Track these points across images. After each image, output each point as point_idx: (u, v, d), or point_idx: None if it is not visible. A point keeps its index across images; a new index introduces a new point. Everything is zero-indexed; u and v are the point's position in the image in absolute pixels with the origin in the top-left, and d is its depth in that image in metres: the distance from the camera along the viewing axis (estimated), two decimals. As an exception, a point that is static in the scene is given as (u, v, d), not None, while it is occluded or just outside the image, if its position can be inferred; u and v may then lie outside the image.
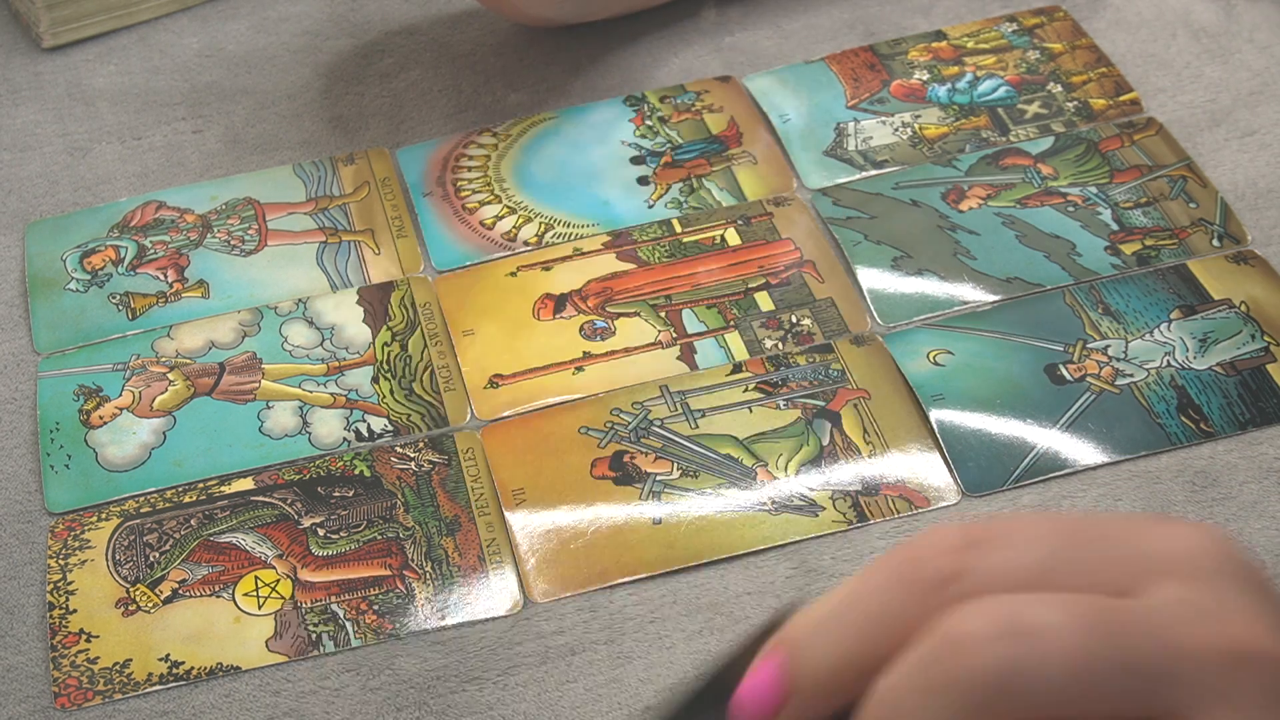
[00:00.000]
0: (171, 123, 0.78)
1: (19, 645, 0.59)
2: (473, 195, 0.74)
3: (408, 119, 0.78)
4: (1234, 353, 0.65)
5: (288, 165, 0.76)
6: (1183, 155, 0.73)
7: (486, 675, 0.57)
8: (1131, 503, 0.61)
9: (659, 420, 0.64)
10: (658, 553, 0.60)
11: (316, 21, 0.83)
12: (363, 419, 0.65)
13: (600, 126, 0.76)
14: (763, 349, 0.67)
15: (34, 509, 0.63)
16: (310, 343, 0.68)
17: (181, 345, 0.68)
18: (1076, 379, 0.64)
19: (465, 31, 0.82)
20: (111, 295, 0.70)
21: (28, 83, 0.81)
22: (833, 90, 0.77)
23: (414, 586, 0.60)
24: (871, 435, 0.63)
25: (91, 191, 0.75)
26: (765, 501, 0.61)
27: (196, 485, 0.63)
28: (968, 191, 0.72)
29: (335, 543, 0.61)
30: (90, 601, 0.60)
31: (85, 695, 0.57)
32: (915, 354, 0.66)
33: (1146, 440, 0.62)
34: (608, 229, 0.72)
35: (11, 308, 0.71)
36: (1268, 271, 0.68)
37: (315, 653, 0.58)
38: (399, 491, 0.63)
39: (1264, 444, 0.62)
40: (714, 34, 0.81)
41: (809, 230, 0.71)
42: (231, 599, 0.60)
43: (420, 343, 0.68)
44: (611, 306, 0.69)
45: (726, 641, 0.57)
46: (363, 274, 0.71)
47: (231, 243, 0.72)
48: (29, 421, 0.66)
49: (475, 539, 0.61)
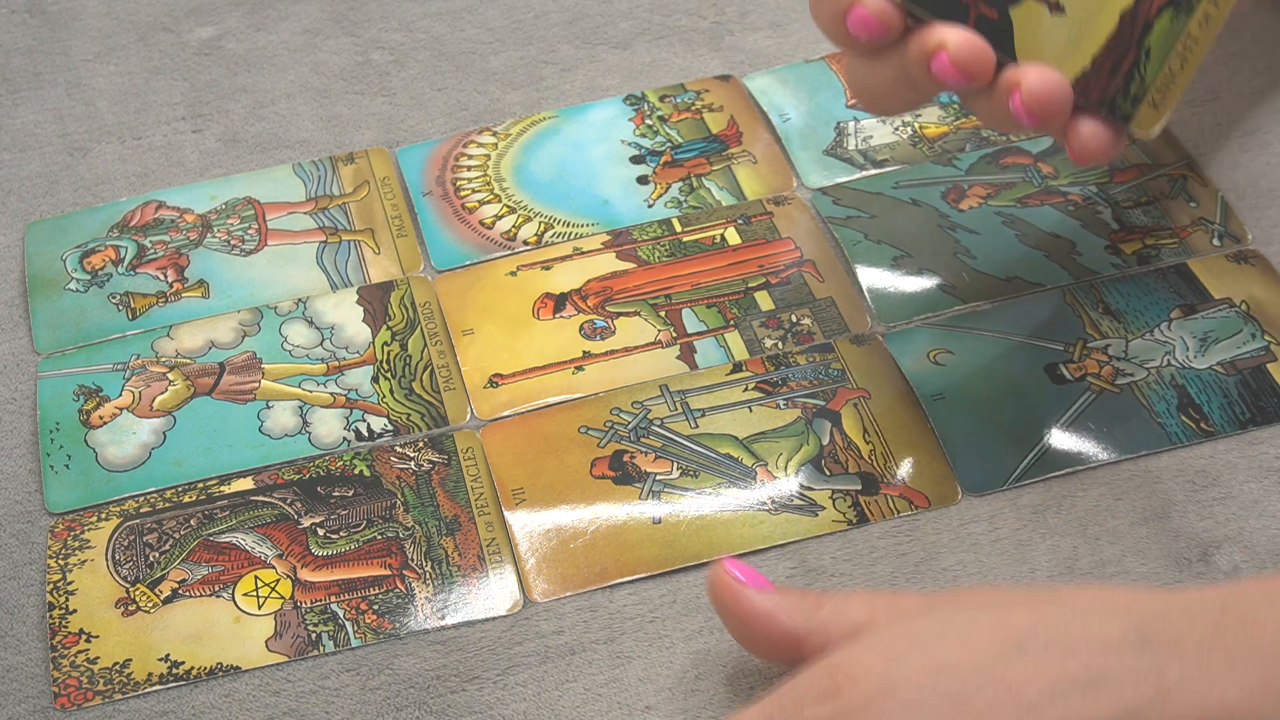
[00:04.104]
0: (171, 122, 0.78)
1: (19, 645, 0.59)
2: (472, 195, 0.74)
3: (407, 118, 0.78)
4: (1234, 352, 0.65)
5: (287, 165, 0.76)
6: (1183, 154, 0.73)
7: (486, 675, 0.57)
8: (1132, 502, 0.61)
9: (659, 420, 0.64)
10: (657, 552, 0.60)
11: (316, 21, 0.83)
12: (362, 419, 0.65)
13: (600, 126, 0.76)
14: (763, 348, 0.67)
15: (34, 509, 0.63)
16: (310, 342, 0.68)
17: (181, 345, 0.68)
18: (1076, 378, 0.64)
19: (465, 30, 0.82)
20: (111, 295, 0.70)
21: (28, 83, 0.81)
22: (833, 89, 0.77)
23: (414, 586, 0.60)
24: (871, 435, 0.63)
25: (91, 191, 0.75)
26: (765, 501, 0.61)
27: (196, 485, 0.63)
28: (968, 190, 0.72)
29: (335, 542, 0.61)
30: (90, 601, 0.60)
31: (85, 695, 0.57)
32: (915, 354, 0.66)
33: (1147, 440, 0.62)
34: (607, 228, 0.72)
35: (11, 308, 0.71)
36: (1268, 270, 0.68)
37: (315, 652, 0.58)
38: (399, 491, 0.63)
39: (1264, 443, 0.62)
40: (714, 34, 0.81)
41: (809, 229, 0.71)
42: (231, 599, 0.60)
43: (420, 342, 0.68)
44: (611, 306, 0.69)
45: (726, 641, 0.58)
46: (362, 273, 0.71)
47: (231, 242, 0.72)
48: (29, 421, 0.66)
49: (475, 539, 0.61)
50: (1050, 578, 0.59)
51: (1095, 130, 0.57)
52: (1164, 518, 0.60)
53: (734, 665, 0.57)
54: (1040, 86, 0.56)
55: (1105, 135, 0.57)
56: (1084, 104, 0.57)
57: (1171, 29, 0.56)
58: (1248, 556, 0.59)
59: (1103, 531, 0.60)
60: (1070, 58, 0.57)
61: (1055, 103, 0.56)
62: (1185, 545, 0.59)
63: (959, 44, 0.56)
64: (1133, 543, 0.60)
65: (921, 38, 0.57)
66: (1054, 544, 0.60)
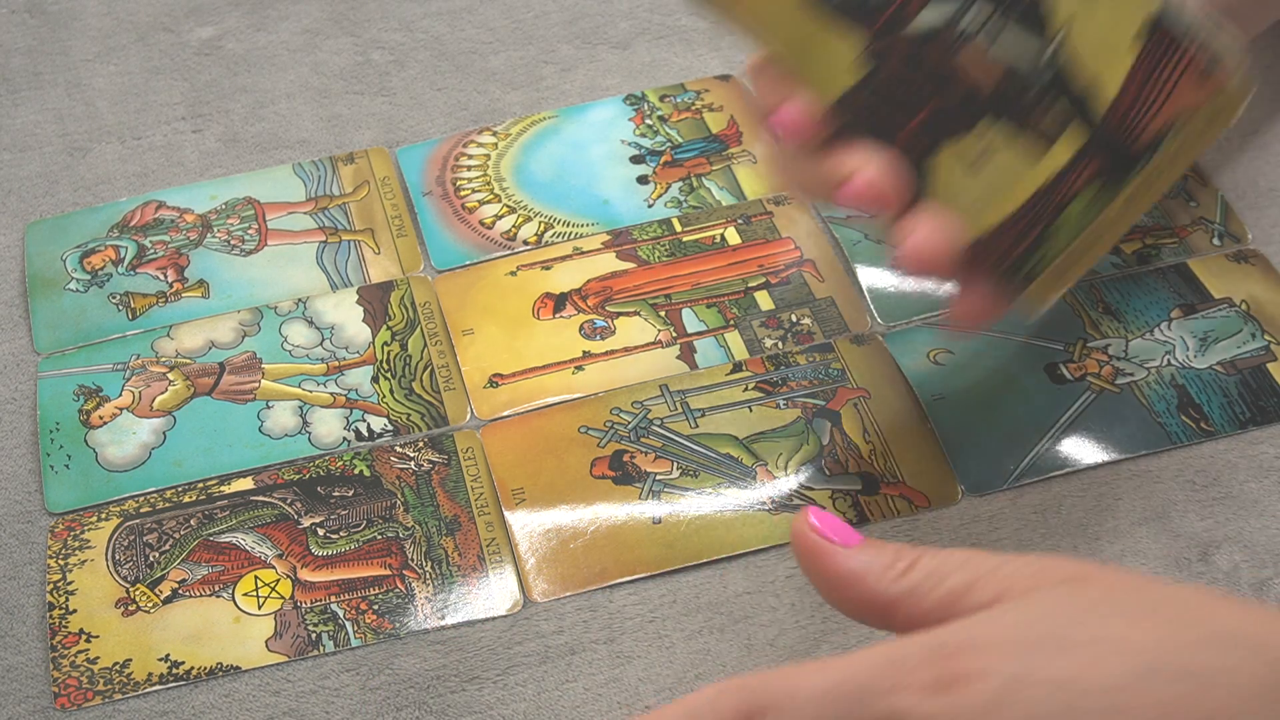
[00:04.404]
0: (171, 122, 0.78)
1: (19, 645, 0.59)
2: (472, 194, 0.74)
3: (407, 118, 0.78)
4: (1234, 351, 0.65)
5: (287, 165, 0.76)
6: (1183, 154, 0.73)
7: (486, 675, 0.57)
8: (1131, 502, 0.61)
9: (659, 420, 0.64)
10: (657, 552, 0.60)
11: (316, 21, 0.83)
12: (362, 418, 0.65)
13: (600, 125, 0.76)
14: (762, 348, 0.67)
15: (34, 509, 0.63)
16: (310, 342, 0.68)
17: (181, 345, 0.68)
18: (1076, 378, 0.64)
19: (464, 30, 0.82)
20: (111, 295, 0.70)
21: (28, 83, 0.81)
22: (833, 89, 0.77)
23: (414, 586, 0.60)
24: (871, 435, 0.63)
25: (91, 191, 0.75)
26: (765, 501, 0.61)
27: (196, 485, 0.63)
28: (968, 190, 0.72)
29: (335, 542, 0.61)
30: (90, 601, 0.60)
31: (85, 695, 0.57)
32: (915, 353, 0.66)
33: (1147, 439, 0.62)
34: (607, 228, 0.72)
35: (11, 308, 0.71)
36: (1268, 270, 0.68)
37: (315, 652, 0.58)
38: (399, 491, 0.63)
39: (1264, 443, 0.62)
40: (714, 34, 0.81)
41: (809, 229, 0.71)
42: (231, 599, 0.60)
43: (420, 342, 0.68)
44: (611, 305, 0.69)
45: (726, 641, 0.58)
46: (362, 273, 0.71)
47: (231, 242, 0.72)
48: (29, 421, 0.66)
49: (475, 539, 0.61)
50: (1050, 577, 0.59)
51: (976, 299, 0.55)
52: (1164, 518, 0.60)
53: (734, 665, 0.57)
54: (924, 247, 0.54)
55: (985, 304, 0.55)
56: (978, 264, 0.54)
57: (1089, 208, 0.52)
58: (1248, 556, 0.59)
59: (1103, 531, 0.60)
60: (977, 215, 0.53)
61: (934, 265, 0.54)
62: (1185, 545, 0.59)
63: (868, 181, 0.54)
64: (1133, 543, 0.60)
65: (837, 159, 0.55)
66: (1054, 544, 0.60)
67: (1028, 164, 0.52)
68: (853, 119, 0.54)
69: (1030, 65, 0.52)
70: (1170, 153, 0.51)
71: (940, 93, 0.53)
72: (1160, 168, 0.51)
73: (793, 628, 0.58)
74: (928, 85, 0.53)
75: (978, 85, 0.52)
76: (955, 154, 0.53)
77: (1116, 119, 0.51)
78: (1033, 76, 0.52)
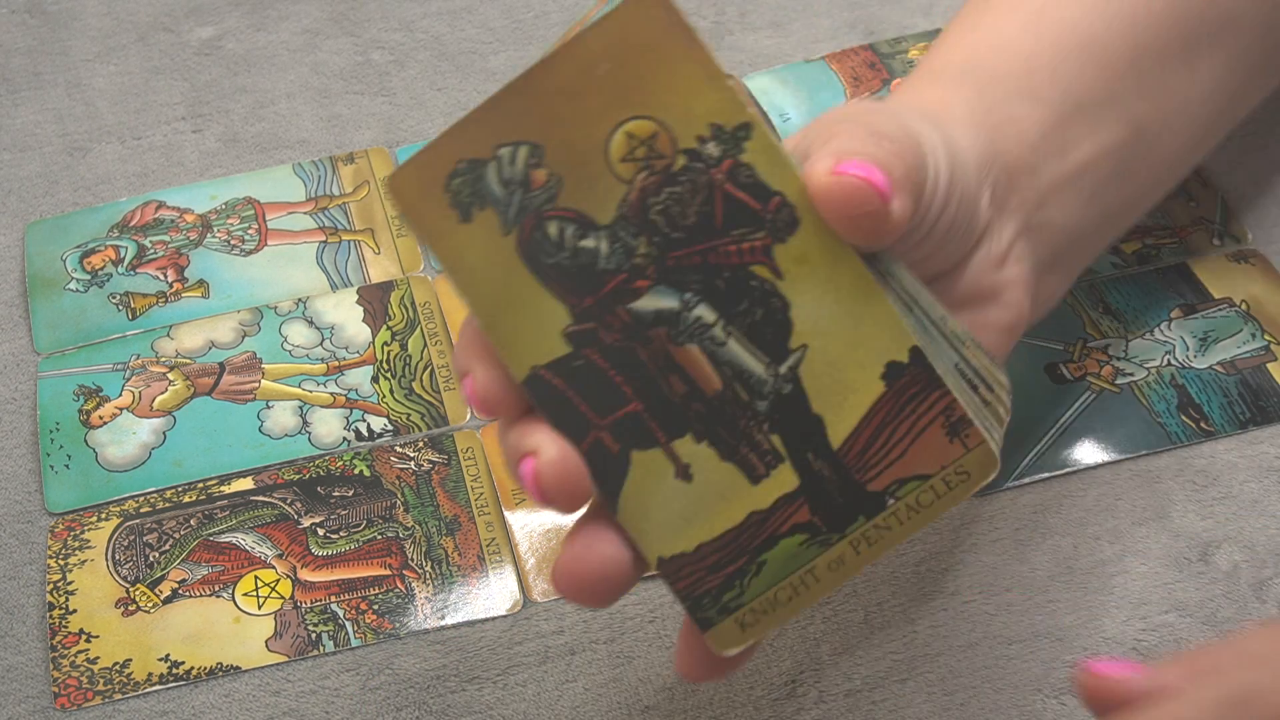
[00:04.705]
0: (171, 122, 0.78)
1: (19, 645, 0.59)
2: (472, 195, 0.74)
3: (407, 118, 0.78)
4: (1234, 352, 0.65)
5: (287, 165, 0.76)
6: (1183, 154, 0.73)
7: (486, 675, 0.57)
8: (1132, 502, 0.61)
9: (659, 420, 0.64)
10: (657, 552, 0.60)
11: (316, 21, 0.83)
12: (362, 418, 0.65)
13: (600, 126, 0.76)
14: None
15: (34, 509, 0.63)
16: (310, 342, 0.68)
17: (181, 345, 0.68)
18: (1076, 378, 0.64)
19: (465, 30, 0.82)
20: (111, 295, 0.70)
21: (28, 83, 0.81)
22: (833, 89, 0.77)
23: (414, 586, 0.60)
24: (871, 435, 0.63)
25: (91, 191, 0.75)
26: (765, 501, 0.61)
27: (196, 485, 0.63)
28: (968, 190, 0.72)
29: (335, 542, 0.61)
30: (90, 601, 0.60)
31: (85, 695, 0.57)
32: (915, 353, 0.66)
33: (1147, 439, 0.62)
34: (607, 228, 0.72)
35: (11, 308, 0.71)
36: (1268, 270, 0.68)
37: (315, 652, 0.58)
38: (399, 491, 0.63)
39: (1264, 443, 0.62)
40: (714, 34, 0.81)
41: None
42: (231, 599, 0.60)
43: (420, 342, 0.68)
44: (611, 306, 0.69)
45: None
46: (362, 273, 0.71)
47: (231, 242, 0.72)
48: (29, 421, 0.66)
49: (475, 538, 0.61)
50: (1050, 578, 0.59)
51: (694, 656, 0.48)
52: (1164, 518, 0.60)
53: (734, 665, 0.57)
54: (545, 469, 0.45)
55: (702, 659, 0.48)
56: (668, 586, 0.47)
57: (796, 556, 0.46)
58: (1248, 556, 0.59)
59: (1103, 531, 0.60)
60: (676, 532, 0.46)
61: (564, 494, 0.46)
62: (1185, 545, 0.59)
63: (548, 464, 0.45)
64: (1133, 543, 0.60)
65: (519, 431, 0.46)
66: (1054, 544, 0.60)
67: (740, 487, 0.47)
68: (548, 398, 0.46)
69: (755, 384, 0.46)
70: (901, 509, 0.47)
71: (650, 390, 0.46)
72: (889, 523, 0.47)
73: (793, 627, 0.58)
74: (638, 378, 0.46)
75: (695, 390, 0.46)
76: (662, 457, 0.46)
77: (846, 459, 0.46)
78: (756, 396, 0.46)
